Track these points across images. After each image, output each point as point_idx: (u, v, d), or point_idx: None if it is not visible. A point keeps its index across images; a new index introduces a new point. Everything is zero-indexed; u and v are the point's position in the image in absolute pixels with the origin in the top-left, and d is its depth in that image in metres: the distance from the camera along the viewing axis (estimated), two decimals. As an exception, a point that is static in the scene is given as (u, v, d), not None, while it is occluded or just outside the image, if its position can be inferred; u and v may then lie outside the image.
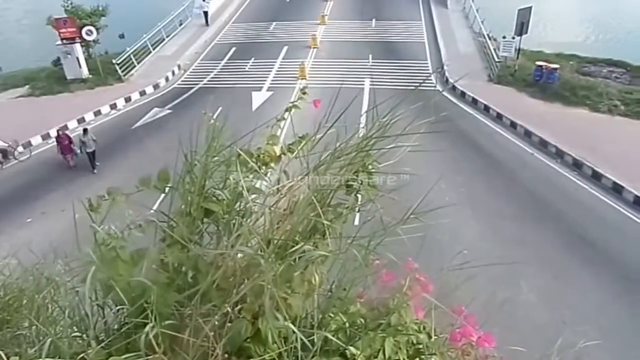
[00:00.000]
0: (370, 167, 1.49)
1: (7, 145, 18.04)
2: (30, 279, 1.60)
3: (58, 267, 1.59)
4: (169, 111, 20.93)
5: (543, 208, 14.10)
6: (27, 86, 23.44)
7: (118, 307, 1.38)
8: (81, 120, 20.31)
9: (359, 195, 1.50)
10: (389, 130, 1.44)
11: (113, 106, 21.52)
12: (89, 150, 16.81)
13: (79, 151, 16.93)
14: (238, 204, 1.50)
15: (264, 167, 1.71)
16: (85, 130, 16.98)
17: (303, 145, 1.72)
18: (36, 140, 18.99)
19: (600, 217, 13.88)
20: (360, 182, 1.48)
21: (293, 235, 1.40)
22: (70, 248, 1.56)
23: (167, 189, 1.59)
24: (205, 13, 29.89)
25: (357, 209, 1.49)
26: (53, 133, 19.29)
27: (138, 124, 20.06)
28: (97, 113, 20.94)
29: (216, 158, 1.52)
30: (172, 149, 1.65)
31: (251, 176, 1.63)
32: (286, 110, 1.93)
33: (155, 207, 1.57)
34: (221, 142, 1.55)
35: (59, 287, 1.54)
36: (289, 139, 1.85)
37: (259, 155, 1.74)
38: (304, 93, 2.00)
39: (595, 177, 15.36)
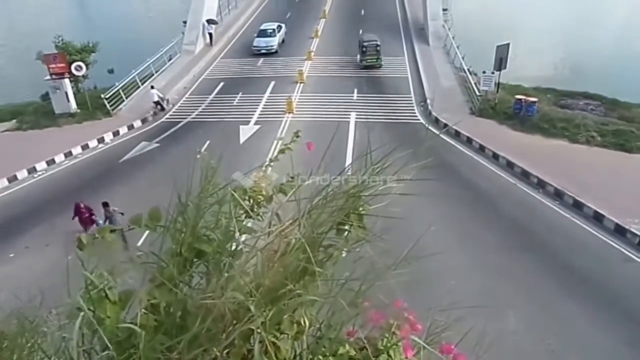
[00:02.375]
0: (361, 209, 1.50)
1: (162, 97, 24.19)
2: (14, 321, 1.53)
3: (42, 309, 1.57)
4: (156, 145, 21.04)
5: (527, 237, 14.34)
6: (14, 120, 23.44)
7: (105, 352, 1.34)
8: (68, 154, 20.32)
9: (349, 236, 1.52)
10: (380, 173, 1.48)
11: (101, 140, 21.58)
12: (116, 227, 14.78)
13: (101, 222, 14.92)
14: (229, 244, 1.50)
15: (256, 207, 1.72)
16: (105, 204, 14.49)
17: (297, 189, 1.72)
18: (22, 174, 18.89)
19: (583, 246, 14.14)
20: (350, 224, 1.49)
21: (283, 278, 1.38)
22: (53, 285, 1.55)
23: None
24: (210, 34, 33.12)
25: (347, 249, 1.51)
26: (39, 167, 19.32)
27: (125, 157, 20.11)
28: (85, 147, 20.98)
29: (209, 198, 1.52)
30: (159, 183, 1.69)
31: (244, 216, 1.65)
32: (279, 152, 1.97)
33: (139, 243, 1.59)
34: (215, 181, 1.55)
35: (43, 330, 1.50)
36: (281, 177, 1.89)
37: (251, 195, 1.74)
38: (297, 136, 2.04)
39: (577, 207, 15.70)
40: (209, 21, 33.37)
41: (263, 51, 30.65)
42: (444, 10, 34.92)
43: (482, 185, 17.35)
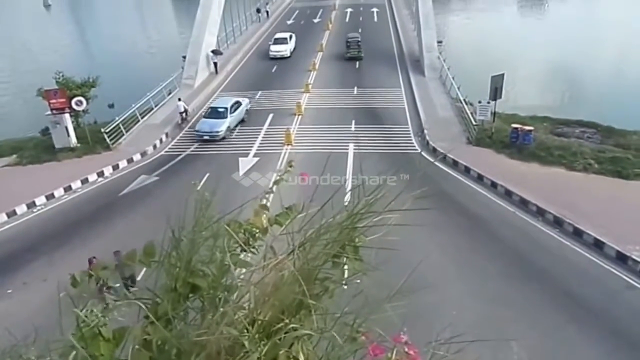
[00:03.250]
0: (357, 240, 1.49)
1: (187, 108, 26.81)
2: None
3: (36, 347, 1.51)
4: (156, 178, 21.10)
5: (527, 265, 14.26)
6: (14, 155, 23.57)
7: None
8: (67, 189, 20.34)
9: (345, 268, 1.50)
10: (376, 204, 1.45)
11: (100, 174, 21.65)
12: (125, 275, 14.30)
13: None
14: (224, 278, 1.49)
15: (251, 239, 1.71)
16: (117, 253, 14.33)
17: (292, 220, 1.72)
18: (21, 209, 18.88)
19: (584, 273, 14.04)
20: (346, 256, 1.48)
21: (279, 312, 1.37)
22: (49, 322, 1.54)
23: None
24: (215, 64, 34.80)
25: (345, 282, 1.49)
26: (39, 201, 19.32)
27: (125, 191, 20.13)
28: (85, 181, 21.02)
29: (204, 232, 1.51)
30: (158, 217, 1.66)
31: (239, 249, 1.64)
32: (274, 183, 1.94)
33: (138, 279, 1.62)
34: (210, 214, 1.54)
35: None
36: (276, 209, 1.86)
37: (246, 228, 1.73)
38: (291, 166, 2.02)
39: (577, 234, 15.65)
40: (214, 52, 34.96)
41: (206, 137, 24.32)
42: (439, 42, 35.62)
43: (481, 214, 17.34)
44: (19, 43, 63.07)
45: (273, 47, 37.63)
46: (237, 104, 26.25)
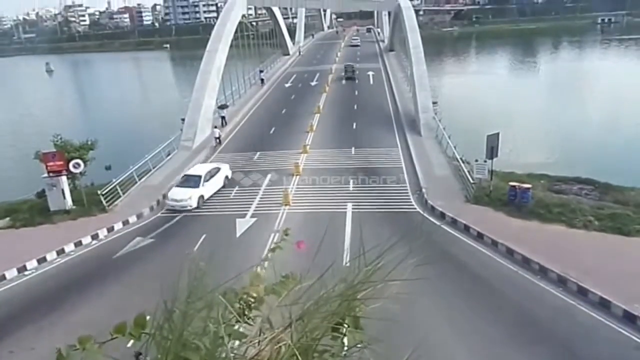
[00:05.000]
0: (357, 311, 1.44)
1: (221, 134, 32.54)
2: None
3: None
4: (151, 240, 20.78)
5: (532, 326, 13.74)
6: (7, 218, 23.32)
7: None
8: (60, 252, 19.97)
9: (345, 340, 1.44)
10: (376, 273, 1.41)
11: (95, 236, 21.33)
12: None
13: None
14: (218, 352, 1.42)
15: (247, 310, 1.66)
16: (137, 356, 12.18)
17: (290, 291, 1.68)
18: (11, 273, 18.41)
19: (591, 333, 13.51)
20: (346, 327, 1.43)
21: None
22: None
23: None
24: (223, 117, 37.43)
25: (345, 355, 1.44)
26: (30, 265, 18.89)
27: (119, 254, 19.74)
28: (78, 244, 20.67)
29: (198, 303, 1.46)
30: (152, 280, 1.57)
31: (234, 320, 1.58)
32: (270, 250, 1.92)
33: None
34: (205, 283, 1.49)
35: None
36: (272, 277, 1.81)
37: (242, 297, 1.68)
38: (287, 234, 2.00)
39: (582, 293, 15.22)
40: (222, 106, 37.51)
41: None
42: (434, 103, 36.56)
43: (482, 274, 16.93)
44: (22, 107, 64.62)
45: (172, 193, 23.87)
46: None
